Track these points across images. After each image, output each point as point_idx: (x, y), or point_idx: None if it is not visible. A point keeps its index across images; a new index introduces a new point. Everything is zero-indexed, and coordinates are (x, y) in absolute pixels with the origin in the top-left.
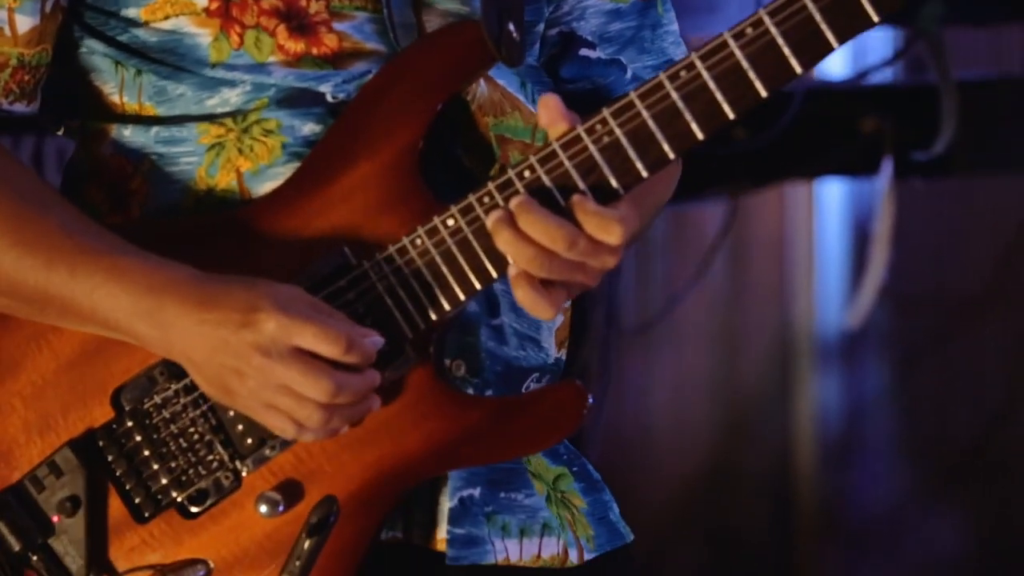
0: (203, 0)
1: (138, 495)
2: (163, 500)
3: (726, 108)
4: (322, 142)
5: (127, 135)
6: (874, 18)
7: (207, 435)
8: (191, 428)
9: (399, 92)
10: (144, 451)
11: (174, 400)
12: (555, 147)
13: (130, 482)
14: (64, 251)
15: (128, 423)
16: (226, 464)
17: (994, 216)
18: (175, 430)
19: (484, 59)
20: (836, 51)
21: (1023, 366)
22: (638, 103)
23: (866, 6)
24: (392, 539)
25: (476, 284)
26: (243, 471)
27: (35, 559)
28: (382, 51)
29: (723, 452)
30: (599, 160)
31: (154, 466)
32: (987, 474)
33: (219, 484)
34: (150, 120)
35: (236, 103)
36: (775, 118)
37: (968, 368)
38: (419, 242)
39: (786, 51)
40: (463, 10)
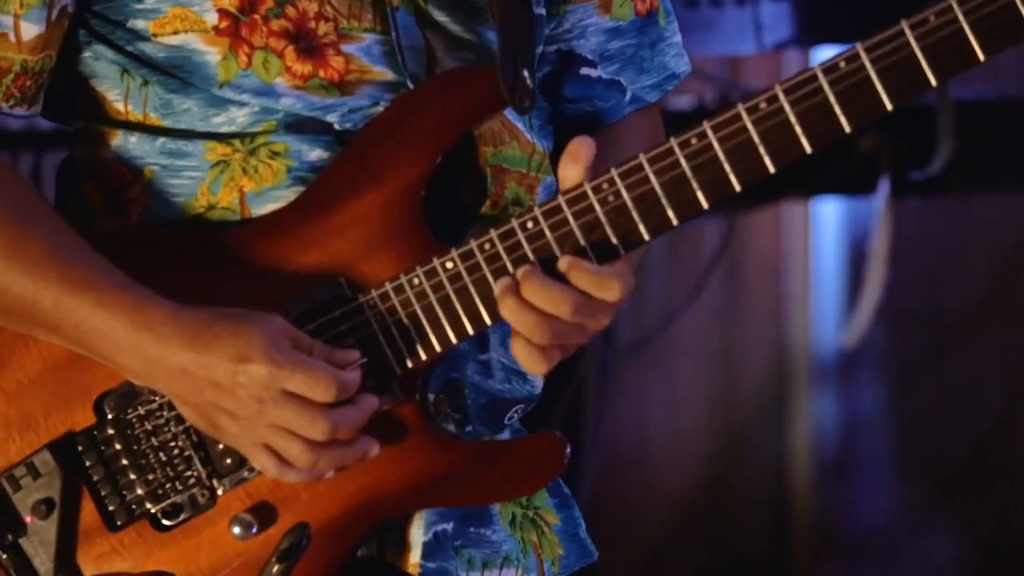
0: (213, 18)
1: (112, 503)
2: (137, 510)
3: (733, 180)
4: (328, 170)
5: (132, 142)
6: (888, 106)
7: (187, 451)
8: (172, 442)
9: (410, 127)
10: (123, 460)
11: (158, 413)
12: (561, 202)
13: (106, 489)
14: (50, 280)
15: (109, 431)
16: (203, 481)
17: (990, 235)
18: (156, 442)
19: (496, 104)
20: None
21: (1019, 383)
22: (647, 167)
23: (882, 95)
24: (367, 555)
25: (470, 330)
26: (219, 490)
27: (4, 557)
28: (388, 77)
29: (720, 468)
30: (603, 220)
31: (131, 476)
32: (983, 490)
33: (194, 500)
34: (157, 130)
35: (243, 123)
36: None
37: (964, 386)
38: (416, 282)
39: (798, 130)
40: (468, 35)
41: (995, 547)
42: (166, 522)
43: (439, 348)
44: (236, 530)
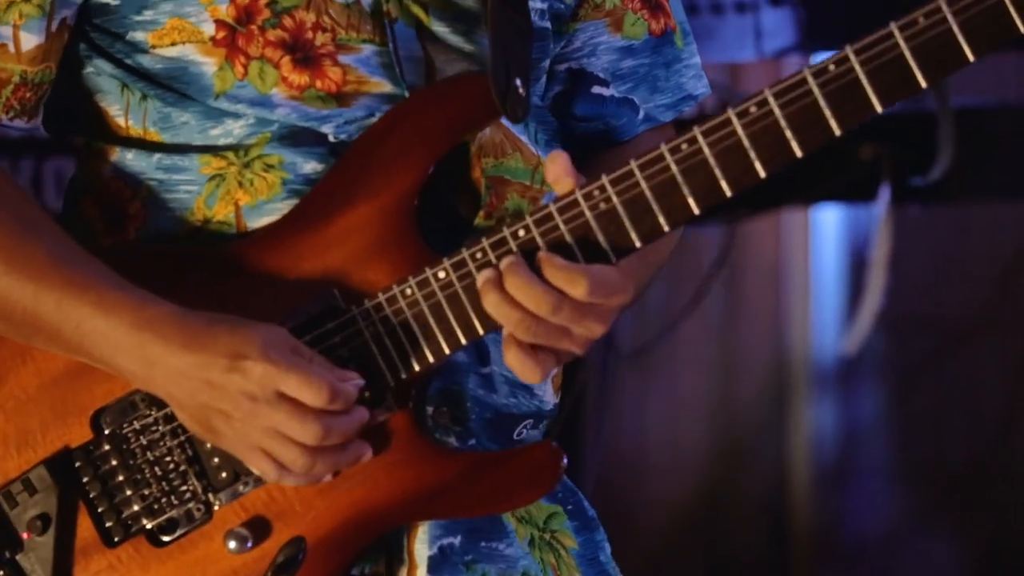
0: (210, 29)
1: (109, 519)
2: (133, 526)
3: (724, 185)
4: (322, 182)
5: (129, 159)
6: (878, 108)
7: (182, 465)
8: (167, 457)
9: (402, 138)
10: (119, 475)
11: (153, 427)
12: (552, 209)
13: (102, 505)
14: (51, 283)
15: (105, 446)
16: (199, 496)
17: (991, 242)
18: (151, 457)
19: (489, 113)
20: (838, 139)
21: (1019, 390)
22: (637, 173)
23: (871, 97)
24: (374, 572)
25: (462, 339)
26: (215, 504)
27: (1, 574)
28: (385, 89)
29: (720, 476)
30: (594, 226)
31: (128, 491)
32: (983, 496)
33: (190, 515)
34: (153, 146)
35: (239, 135)
36: None
37: (964, 393)
38: (409, 292)
39: (788, 134)
40: (468, 47)
41: (994, 554)
42: (163, 537)
43: (432, 358)
44: (232, 544)
